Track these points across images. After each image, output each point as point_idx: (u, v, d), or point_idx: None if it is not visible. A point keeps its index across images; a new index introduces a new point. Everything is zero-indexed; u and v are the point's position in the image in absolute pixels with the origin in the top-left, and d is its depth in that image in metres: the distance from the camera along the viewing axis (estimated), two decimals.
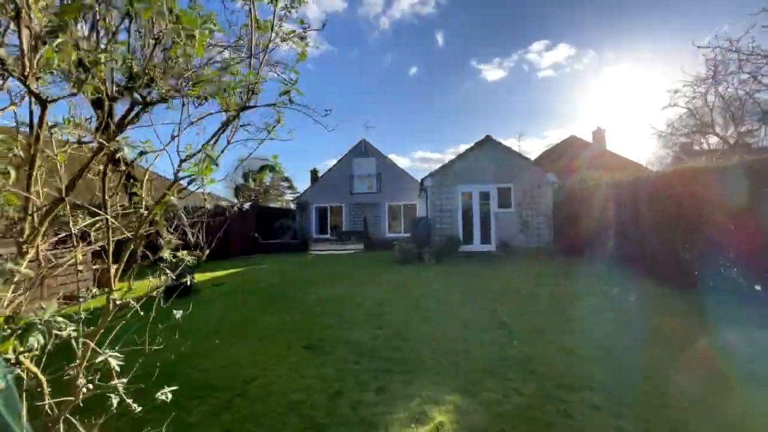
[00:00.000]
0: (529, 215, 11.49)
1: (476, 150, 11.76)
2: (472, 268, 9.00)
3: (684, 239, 6.37)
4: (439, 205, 11.71)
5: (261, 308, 5.70)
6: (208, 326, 4.81)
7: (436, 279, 7.74)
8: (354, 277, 8.26)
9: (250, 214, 15.57)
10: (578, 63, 49.81)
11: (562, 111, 59.46)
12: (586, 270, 8.47)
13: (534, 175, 11.50)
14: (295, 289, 7.08)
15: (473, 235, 11.66)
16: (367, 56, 54.00)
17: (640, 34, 37.01)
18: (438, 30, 47.89)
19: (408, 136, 63.61)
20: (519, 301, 5.59)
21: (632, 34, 37.87)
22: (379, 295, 6.38)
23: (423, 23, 47.73)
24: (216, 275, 9.32)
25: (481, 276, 7.92)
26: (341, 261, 11.58)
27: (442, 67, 52.99)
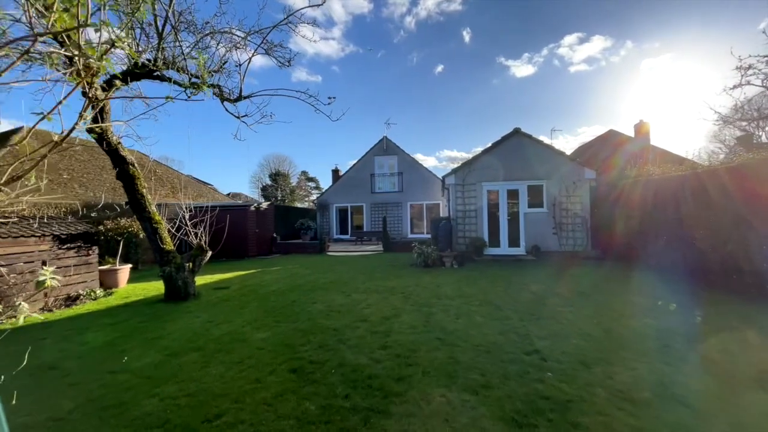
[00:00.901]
0: (563, 216, 10.34)
1: (503, 144, 10.75)
2: (498, 275, 8.08)
3: (760, 243, 5.19)
4: (462, 205, 10.82)
5: (257, 319, 5.15)
6: (190, 340, 4.30)
7: (457, 288, 6.91)
8: (366, 284, 7.60)
9: (269, 214, 15.34)
10: (615, 55, 46.70)
11: (597, 107, 56.07)
12: (631, 278, 7.32)
13: (570, 171, 10.34)
14: (301, 297, 6.52)
15: (500, 237, 10.67)
16: (393, 56, 53.47)
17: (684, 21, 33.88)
18: (464, 27, 46.53)
19: (434, 135, 62.45)
20: (555, 319, 4.69)
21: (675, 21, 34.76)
22: (389, 305, 5.67)
23: (449, 21, 46.55)
24: (224, 277, 8.98)
25: (509, 285, 7.01)
26: (356, 264, 10.97)
27: (468, 64, 51.49)
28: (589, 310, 5.04)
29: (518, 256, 10.37)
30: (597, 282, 7.11)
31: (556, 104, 55.66)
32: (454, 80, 54.77)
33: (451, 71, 54.03)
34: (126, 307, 6.15)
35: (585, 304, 5.37)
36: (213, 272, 9.93)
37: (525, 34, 47.60)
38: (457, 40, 49.06)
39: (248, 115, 5.42)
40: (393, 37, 50.60)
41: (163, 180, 21.15)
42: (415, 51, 52.09)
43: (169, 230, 6.88)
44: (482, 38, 48.11)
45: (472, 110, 55.78)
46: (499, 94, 52.51)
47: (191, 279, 6.50)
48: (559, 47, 48.73)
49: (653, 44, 44.73)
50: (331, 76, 59.36)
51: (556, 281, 7.24)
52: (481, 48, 49.34)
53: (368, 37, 52.18)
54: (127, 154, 6.21)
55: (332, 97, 5.31)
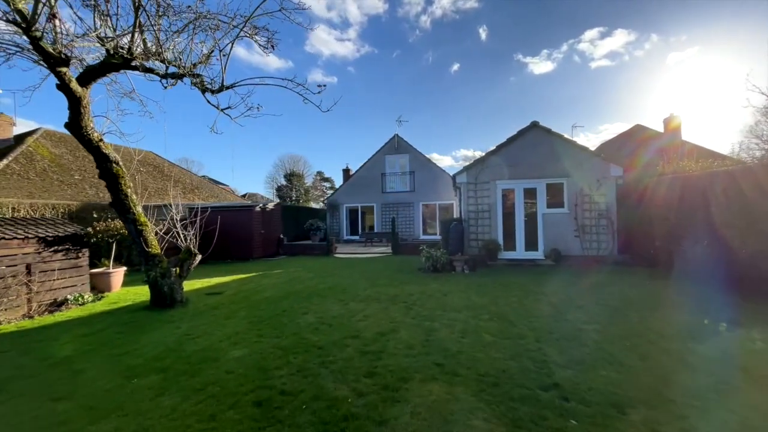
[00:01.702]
0: (586, 217, 9.45)
1: (520, 139, 9.94)
2: (513, 282, 7.33)
3: None
4: (475, 205, 10.08)
5: (239, 332, 4.65)
6: (158, 357, 3.83)
7: (466, 297, 6.23)
8: (367, 290, 7.02)
9: (276, 215, 14.99)
10: (639, 50, 44.47)
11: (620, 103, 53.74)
12: (666, 288, 6.44)
13: (593, 168, 9.44)
14: (294, 305, 6.00)
15: (516, 240, 9.88)
16: (408, 56, 52.89)
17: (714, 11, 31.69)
18: (480, 24, 45.46)
19: (450, 135, 61.46)
20: (579, 340, 3.97)
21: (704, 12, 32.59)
22: (388, 318, 5.07)
23: (465, 19, 45.58)
24: (222, 281, 8.59)
25: (525, 294, 6.27)
26: (361, 267, 10.40)
27: (485, 62, 50.35)
28: (620, 329, 4.28)
29: (536, 261, 9.55)
30: (626, 293, 6.28)
31: (576, 101, 53.64)
32: (470, 79, 53.74)
33: (467, 70, 53.02)
34: (109, 314, 5.79)
35: (614, 321, 4.60)
36: (213, 275, 9.58)
37: (543, 30, 46.08)
38: (473, 38, 48.03)
39: (231, 107, 4.95)
40: (408, 37, 50.05)
41: (174, 180, 21.25)
42: (430, 50, 51.38)
43: (161, 232, 6.51)
44: (499, 35, 46.89)
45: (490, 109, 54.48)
46: (517, 92, 51.09)
47: (178, 285, 6.09)
48: (580, 42, 46.90)
49: (680, 37, 42.33)
50: (347, 77, 59.35)
51: (579, 291, 6.45)
52: (498, 45, 48.12)
53: (383, 38, 51.89)
54: (110, 151, 5.85)
55: (322, 86, 4.77)
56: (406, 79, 54.93)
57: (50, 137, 16.67)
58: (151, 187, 18.20)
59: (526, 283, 7.19)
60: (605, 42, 46.69)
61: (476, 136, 63.90)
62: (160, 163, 22.30)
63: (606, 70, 48.06)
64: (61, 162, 15.38)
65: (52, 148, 15.96)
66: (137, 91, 5.84)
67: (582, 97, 52.89)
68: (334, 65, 59.00)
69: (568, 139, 9.63)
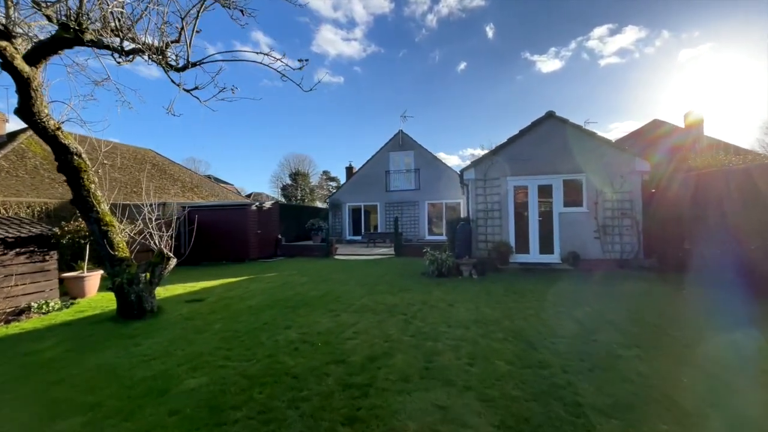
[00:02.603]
0: (608, 216, 8.55)
1: (533, 131, 9.08)
2: (528, 290, 6.50)
3: None
4: (484, 204, 9.25)
5: (204, 352, 3.93)
6: (94, 389, 3.11)
7: (475, 308, 5.43)
8: (363, 299, 6.26)
9: (273, 214, 14.33)
10: (650, 46, 43.03)
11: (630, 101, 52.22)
12: (712, 300, 5.56)
13: (617, 162, 8.53)
14: (277, 317, 5.27)
15: (529, 241, 9.02)
16: (414, 55, 52.21)
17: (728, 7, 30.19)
18: (487, 23, 44.57)
19: (457, 133, 60.56)
20: (618, 371, 3.16)
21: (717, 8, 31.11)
22: (383, 335, 4.30)
23: (471, 17, 44.71)
24: (207, 286, 7.91)
25: (543, 306, 5.45)
26: (361, 271, 9.65)
27: (492, 61, 49.36)
28: (668, 357, 3.45)
29: (552, 265, 8.69)
30: (662, 304, 5.42)
31: (585, 99, 52.20)
32: (477, 78, 52.80)
33: (474, 69, 52.08)
34: (68, 326, 5.12)
35: (658, 344, 3.77)
36: (201, 278, 8.92)
37: (551, 28, 44.94)
38: (479, 37, 47.07)
39: (199, 87, 4.23)
40: (414, 36, 49.32)
41: (174, 178, 20.77)
42: (437, 49, 50.59)
43: (131, 233, 5.85)
44: (506, 33, 45.87)
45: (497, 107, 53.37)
46: (524, 90, 49.94)
47: (148, 292, 5.40)
48: (589, 40, 45.60)
49: (692, 33, 40.77)
50: (353, 76, 58.90)
51: (606, 302, 5.60)
52: (505, 43, 47.10)
53: (390, 37, 51.27)
54: (70, 141, 5.20)
55: (305, 60, 4.02)
56: (412, 79, 54.25)
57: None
58: (148, 186, 17.67)
59: (542, 292, 6.36)
60: (615, 39, 45.35)
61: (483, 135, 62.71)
62: (160, 161, 21.84)
63: (616, 67, 46.66)
64: (52, 159, 14.91)
65: (47, 145, 15.51)
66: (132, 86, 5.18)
67: (591, 95, 51.49)
68: (340, 65, 58.63)
69: (588, 131, 8.74)
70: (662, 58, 43.52)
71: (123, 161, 18.59)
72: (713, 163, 7.41)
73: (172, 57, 4.33)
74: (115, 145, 20.40)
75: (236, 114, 67.17)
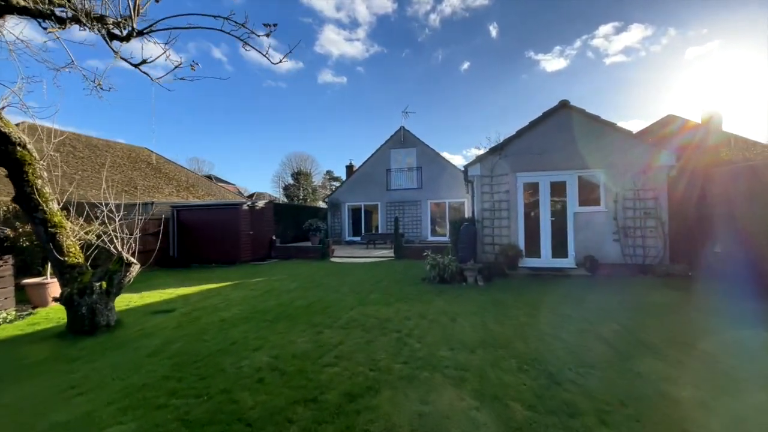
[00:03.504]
0: (629, 216, 7.71)
1: (546, 122, 8.25)
2: (541, 301, 5.70)
3: None
4: (491, 202, 8.45)
5: (147, 384, 3.20)
6: None
7: (481, 323, 4.65)
8: (353, 310, 5.50)
9: (267, 214, 13.62)
10: (656, 44, 42.00)
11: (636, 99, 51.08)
12: (748, 311, 4.73)
13: (639, 156, 7.68)
14: (249, 333, 4.53)
15: (540, 244, 8.20)
16: (418, 55, 51.60)
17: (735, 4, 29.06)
18: (491, 22, 43.83)
19: (460, 133, 59.73)
20: (672, 420, 2.37)
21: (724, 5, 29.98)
22: (369, 362, 3.54)
23: (475, 16, 43.97)
24: (184, 293, 7.19)
25: (562, 320, 4.65)
26: (356, 276, 8.90)
27: (496, 60, 48.57)
28: (741, 404, 2.64)
29: (566, 270, 7.87)
30: (707, 324, 4.59)
31: (591, 98, 51.00)
32: (481, 77, 52.02)
33: (477, 68, 51.30)
34: (7, 344, 4.42)
35: (724, 386, 2.96)
36: (182, 284, 8.22)
37: (556, 26, 44.05)
38: (483, 36, 46.27)
39: (147, 60, 3.50)
40: (417, 36, 48.64)
41: (169, 177, 20.19)
42: (440, 49, 49.88)
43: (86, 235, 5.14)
44: (510, 32, 45.07)
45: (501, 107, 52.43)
46: (528, 89, 49.00)
47: (104, 304, 4.68)
48: (594, 38, 44.63)
49: (700, 31, 39.61)
50: (356, 77, 58.38)
51: (636, 317, 4.78)
52: (509, 43, 46.29)
53: (393, 37, 50.68)
54: (12, 130, 4.51)
55: (272, 25, 3.26)
56: (415, 79, 53.52)
57: (32, 131, 15.70)
58: (141, 185, 17.09)
59: (558, 303, 5.55)
60: (620, 37, 44.31)
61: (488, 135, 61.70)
62: (155, 160, 21.27)
63: (622, 66, 45.55)
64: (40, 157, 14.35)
65: (34, 143, 14.96)
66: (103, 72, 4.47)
67: (596, 93, 50.24)
68: (343, 65, 58.10)
69: (607, 122, 7.89)
70: (669, 57, 42.39)
71: (115, 159, 18.02)
72: (748, 157, 6.55)
73: (115, 26, 3.58)
74: (109, 143, 19.88)
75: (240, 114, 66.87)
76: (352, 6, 50.41)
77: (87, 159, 16.50)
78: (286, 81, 60.82)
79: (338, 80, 59.58)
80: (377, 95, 60.24)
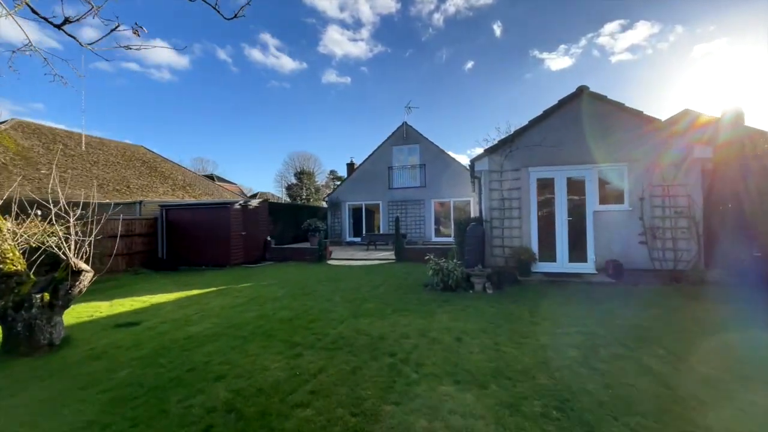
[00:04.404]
0: (657, 215, 6.87)
1: (561, 111, 7.43)
2: (562, 314, 4.90)
3: None
4: (500, 200, 7.65)
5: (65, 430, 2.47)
6: None
7: (493, 345, 3.86)
8: (342, 324, 4.75)
9: (261, 214, 12.94)
10: (663, 42, 40.82)
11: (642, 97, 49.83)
12: None
13: (668, 148, 6.84)
14: (213, 357, 3.79)
15: (556, 247, 7.38)
16: (421, 54, 50.99)
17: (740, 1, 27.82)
18: (495, 21, 43.04)
19: (465, 133, 58.89)
20: None
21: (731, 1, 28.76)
22: (351, 400, 2.78)
23: (479, 15, 43.18)
24: (159, 301, 6.49)
25: (593, 341, 3.84)
26: (352, 281, 8.15)
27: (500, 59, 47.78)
28: None
29: (585, 276, 7.04)
30: None
31: None
32: (485, 76, 51.07)
33: (481, 67, 50.41)
34: None
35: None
36: (163, 289, 7.55)
37: (560, 25, 43.04)
38: (487, 35, 45.37)
39: (71, 19, 2.77)
40: (421, 36, 47.92)
41: (165, 176, 19.61)
42: (444, 48, 49.10)
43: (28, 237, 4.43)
44: (514, 31, 44.17)
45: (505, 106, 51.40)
46: (533, 88, 47.95)
47: (46, 319, 3.97)
48: (599, 36, 43.50)
49: (707, 27, 38.40)
50: (360, 77, 57.84)
51: (681, 337, 3.95)
52: (514, 42, 45.37)
53: (396, 37, 50.07)
54: None
55: None
56: (419, 78, 52.75)
57: (22, 128, 15.22)
58: (134, 184, 16.51)
59: (583, 317, 4.74)
60: (626, 35, 43.17)
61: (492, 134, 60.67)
62: (151, 158, 20.74)
63: (628, 64, 44.33)
64: (28, 155, 13.81)
65: (22, 140, 14.45)
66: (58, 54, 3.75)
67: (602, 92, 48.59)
68: (347, 66, 57.52)
69: (631, 110, 7.04)
70: (676, 54, 41.17)
71: (108, 158, 17.45)
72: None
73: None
74: (102, 140, 19.35)
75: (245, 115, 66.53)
76: (356, 6, 49.82)
77: (78, 157, 15.94)
78: (290, 81, 60.41)
79: (342, 80, 59.00)
80: (381, 95, 59.63)
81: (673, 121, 14.77)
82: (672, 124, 12.61)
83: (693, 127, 12.59)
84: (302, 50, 57.19)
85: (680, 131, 6.87)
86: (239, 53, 57.25)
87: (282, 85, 60.97)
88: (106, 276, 9.91)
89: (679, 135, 6.84)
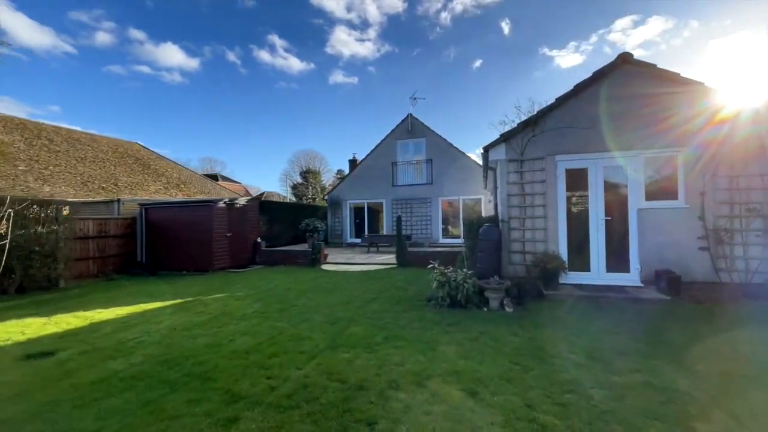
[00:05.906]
0: (723, 214, 5.45)
1: (596, 85, 6.05)
2: (611, 346, 3.56)
3: None
4: (520, 195, 6.31)
5: None
6: None
7: (521, 404, 2.56)
8: (313, 361, 3.50)
9: (251, 213, 11.80)
10: (676, 38, 38.76)
11: None
12: None
13: (736, 130, 5.41)
14: (105, 426, 2.59)
15: (590, 253, 6.01)
16: (429, 53, 49.91)
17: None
18: (503, 18, 41.65)
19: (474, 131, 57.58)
20: None
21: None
22: None
23: (486, 13, 41.82)
24: (103, 318, 5.35)
25: (669, 398, 2.51)
26: (344, 292, 6.91)
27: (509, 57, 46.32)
28: None
29: (629, 290, 5.65)
30: None
31: None
32: (493, 75, 49.65)
33: (490, 66, 49.02)
34: None
35: None
36: (119, 301, 6.43)
37: (570, 21, 41.35)
38: (495, 33, 43.92)
39: None
40: (428, 35, 46.76)
41: (158, 173, 18.70)
42: (451, 47, 47.90)
43: None
44: (523, 29, 42.65)
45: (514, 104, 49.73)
46: (542, 86, 46.23)
47: None
48: (610, 33, 41.56)
49: (723, 22, 36.16)
50: (367, 77, 56.99)
51: None
52: (522, 39, 43.85)
53: (403, 36, 49.04)
54: None
55: None
56: (426, 77, 51.52)
57: (5, 122, 14.43)
58: (123, 182, 15.60)
59: (648, 355, 3.40)
60: (639, 31, 41.16)
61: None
62: (145, 156, 19.88)
63: None
64: (7, 150, 12.96)
65: (2, 135, 13.63)
66: None
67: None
68: (354, 66, 56.70)
69: (689, 80, 5.61)
70: (690, 50, 39.06)
71: (98, 154, 16.58)
72: None
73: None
74: (94, 136, 18.52)
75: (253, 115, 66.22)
76: (363, 6, 48.83)
77: (63, 153, 15.09)
78: (298, 82, 59.84)
79: (349, 80, 58.08)
80: (388, 95, 58.55)
81: None
82: None
83: None
84: (310, 51, 56.65)
85: (752, 106, 5.43)
86: (248, 55, 56.93)
87: (290, 86, 60.44)
88: (75, 282, 8.91)
89: (754, 112, 5.40)
